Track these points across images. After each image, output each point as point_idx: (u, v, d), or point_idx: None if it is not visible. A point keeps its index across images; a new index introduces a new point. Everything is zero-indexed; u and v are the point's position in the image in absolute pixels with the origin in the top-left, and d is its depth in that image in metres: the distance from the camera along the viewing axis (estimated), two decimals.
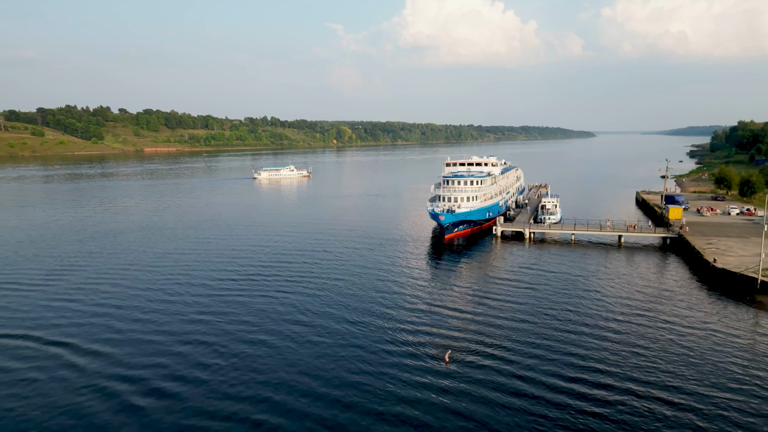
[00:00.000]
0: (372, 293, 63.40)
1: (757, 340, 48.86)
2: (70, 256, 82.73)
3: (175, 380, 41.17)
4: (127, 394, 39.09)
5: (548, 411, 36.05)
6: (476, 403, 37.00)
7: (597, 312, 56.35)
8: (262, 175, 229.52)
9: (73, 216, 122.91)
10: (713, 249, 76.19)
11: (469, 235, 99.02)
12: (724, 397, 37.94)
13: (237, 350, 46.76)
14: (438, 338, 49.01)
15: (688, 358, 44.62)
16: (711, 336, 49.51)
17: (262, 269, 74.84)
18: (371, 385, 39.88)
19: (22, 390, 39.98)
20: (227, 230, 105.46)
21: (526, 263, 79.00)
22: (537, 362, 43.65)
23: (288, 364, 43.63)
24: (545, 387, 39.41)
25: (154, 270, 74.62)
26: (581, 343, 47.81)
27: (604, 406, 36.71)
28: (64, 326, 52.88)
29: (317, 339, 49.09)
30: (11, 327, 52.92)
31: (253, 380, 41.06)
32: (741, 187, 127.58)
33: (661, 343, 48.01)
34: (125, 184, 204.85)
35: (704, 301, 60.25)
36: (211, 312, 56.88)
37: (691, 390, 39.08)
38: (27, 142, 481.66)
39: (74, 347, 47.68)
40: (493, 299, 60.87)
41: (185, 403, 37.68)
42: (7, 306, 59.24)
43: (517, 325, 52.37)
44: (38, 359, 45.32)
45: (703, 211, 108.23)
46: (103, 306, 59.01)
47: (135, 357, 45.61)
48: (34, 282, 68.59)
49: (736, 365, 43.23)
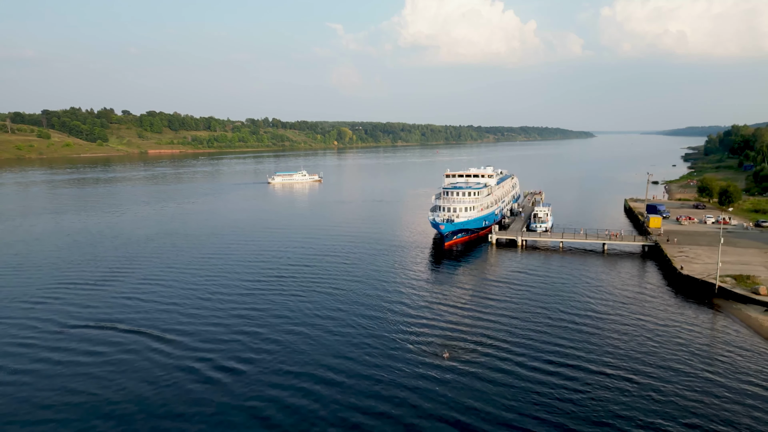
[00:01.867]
0: (380, 294, 72.64)
1: (711, 336, 58.09)
2: (116, 260, 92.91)
3: (234, 361, 51.80)
4: (199, 371, 49.43)
5: (538, 393, 44.97)
6: (473, 391, 45.81)
7: (579, 311, 65.58)
8: (276, 180, 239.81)
9: (103, 222, 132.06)
10: (683, 257, 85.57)
11: (467, 242, 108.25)
12: (680, 379, 47.28)
13: (277, 338, 57.30)
14: (439, 336, 58.18)
15: (652, 349, 53.96)
16: (672, 332, 58.75)
17: (284, 271, 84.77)
18: (381, 374, 48.86)
19: (115, 367, 50.23)
20: (249, 235, 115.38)
21: (518, 269, 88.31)
22: (527, 353, 52.79)
23: (317, 351, 53.08)
24: (534, 374, 48.46)
25: (194, 272, 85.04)
26: (565, 337, 57.16)
27: (584, 387, 45.85)
28: (136, 318, 63.70)
29: (340, 330, 58.61)
30: (91, 319, 63.60)
31: (293, 361, 51.08)
32: (720, 196, 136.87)
33: (631, 336, 57.36)
34: (143, 190, 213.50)
35: (670, 303, 69.55)
36: (250, 308, 67.30)
37: (652, 373, 48.43)
38: (34, 145, 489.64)
39: (149, 335, 58.39)
40: (488, 301, 70.07)
41: (246, 378, 47.86)
42: (80, 302, 69.84)
43: (510, 323, 61.58)
44: (122, 344, 55.87)
45: (682, 220, 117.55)
46: (161, 302, 69.65)
47: (199, 342, 56.25)
48: (96, 281, 79.69)
49: (693, 355, 52.42)
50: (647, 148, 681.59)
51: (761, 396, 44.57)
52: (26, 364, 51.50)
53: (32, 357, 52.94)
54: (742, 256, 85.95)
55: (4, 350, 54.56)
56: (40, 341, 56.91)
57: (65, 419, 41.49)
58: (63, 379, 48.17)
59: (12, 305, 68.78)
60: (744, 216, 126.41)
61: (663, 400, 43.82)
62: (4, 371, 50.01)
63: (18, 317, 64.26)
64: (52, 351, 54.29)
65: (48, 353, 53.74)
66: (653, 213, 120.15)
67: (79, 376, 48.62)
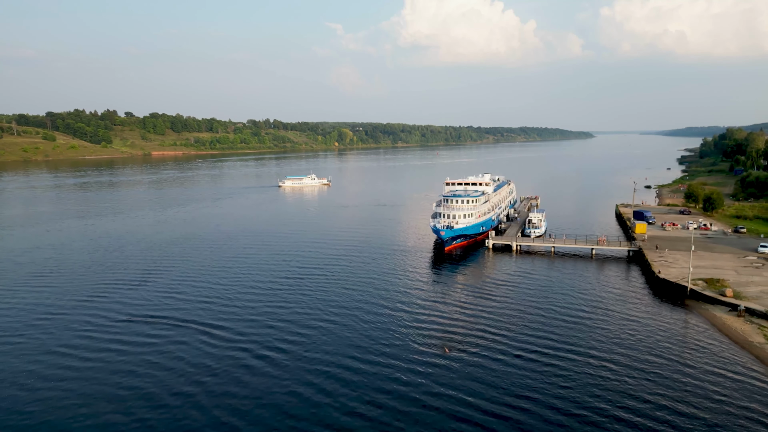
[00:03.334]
0: (387, 294, 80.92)
1: (680, 333, 66.16)
2: (146, 263, 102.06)
3: (269, 349, 61.10)
4: (242, 358, 58.30)
5: (530, 379, 53.04)
6: (472, 382, 53.78)
7: (566, 311, 73.74)
8: (286, 184, 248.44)
9: (123, 227, 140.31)
10: (662, 261, 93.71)
11: (466, 247, 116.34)
12: (651, 368, 55.54)
13: (301, 331, 66.49)
14: (440, 332, 66.25)
15: (630, 344, 62.16)
16: (647, 329, 66.88)
17: (301, 272, 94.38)
18: (391, 364, 57.00)
19: (169, 354, 59.18)
20: (265, 238, 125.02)
21: (513, 272, 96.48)
22: (520, 346, 60.89)
23: (337, 342, 61.35)
24: (526, 363, 56.59)
25: (219, 273, 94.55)
26: (554, 333, 65.39)
27: (571, 374, 53.96)
28: (178, 313, 73.18)
29: (353, 325, 66.92)
30: (138, 314, 72.87)
31: (318, 349, 59.76)
32: (704, 203, 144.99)
33: (612, 332, 65.56)
34: (155, 194, 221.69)
35: (646, 304, 77.73)
36: (274, 305, 76.61)
37: (629, 363, 56.65)
38: (40, 147, 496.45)
39: (192, 327, 67.96)
40: (485, 301, 78.24)
41: (281, 363, 56.59)
42: (125, 300, 79.15)
43: (504, 321, 69.65)
44: (170, 335, 65.28)
45: (666, 226, 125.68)
46: (196, 300, 79.29)
47: (237, 334, 65.47)
48: (134, 282, 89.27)
49: (664, 349, 60.59)
50: (645, 150, 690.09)
51: (716, 381, 52.71)
52: (93, 352, 60.30)
53: (95, 347, 61.62)
54: (717, 261, 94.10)
55: (71, 342, 63.22)
56: (100, 333, 65.94)
57: (134, 398, 49.67)
58: (126, 365, 56.90)
59: (66, 303, 77.51)
60: (726, 222, 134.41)
61: (636, 384, 52.06)
62: (75, 358, 58.70)
63: (74, 314, 73.06)
64: (112, 342, 63.09)
65: (108, 344, 62.51)
66: (640, 219, 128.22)
67: (140, 363, 57.38)
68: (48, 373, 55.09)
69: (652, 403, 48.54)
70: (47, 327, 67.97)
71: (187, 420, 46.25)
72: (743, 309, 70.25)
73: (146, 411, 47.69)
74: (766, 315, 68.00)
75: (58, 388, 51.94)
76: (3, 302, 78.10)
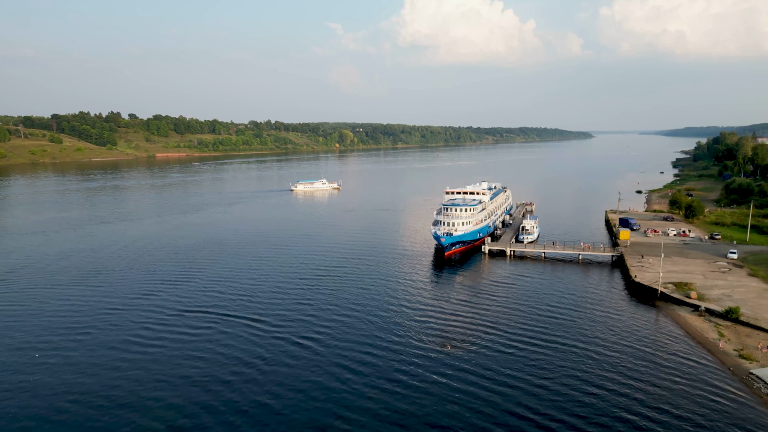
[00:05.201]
0: (394, 294, 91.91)
1: (650, 330, 76.83)
2: (180, 265, 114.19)
3: (304, 338, 73.34)
4: (283, 344, 71.00)
5: (522, 366, 63.84)
6: (471, 374, 64.21)
7: (553, 309, 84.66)
8: (298, 188, 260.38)
9: (151, 232, 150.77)
10: (639, 266, 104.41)
11: (464, 252, 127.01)
12: (622, 357, 66.29)
13: (326, 324, 78.89)
14: (441, 330, 76.88)
15: (606, 338, 73.17)
16: (621, 326, 77.65)
17: (319, 272, 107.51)
18: (397, 358, 67.74)
19: (218, 341, 71.05)
20: (284, 242, 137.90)
21: (506, 275, 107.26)
22: (512, 340, 71.65)
23: (356, 333, 72.91)
24: (518, 353, 67.36)
25: (248, 273, 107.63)
26: (543, 328, 76.45)
27: (557, 361, 64.78)
28: (220, 307, 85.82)
29: (368, 319, 78.83)
30: (187, 308, 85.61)
31: (343, 338, 72.07)
32: (685, 210, 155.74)
33: (591, 328, 76.49)
34: (171, 198, 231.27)
35: (623, 304, 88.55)
36: (301, 301, 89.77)
37: (605, 354, 67.57)
38: (47, 150, 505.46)
39: (236, 319, 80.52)
40: (482, 301, 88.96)
41: (316, 349, 68.31)
42: (172, 297, 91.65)
43: (499, 318, 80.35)
44: (217, 326, 77.62)
45: (648, 233, 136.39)
46: (234, 295, 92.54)
47: (274, 326, 77.95)
48: (175, 281, 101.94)
49: (635, 341, 71.45)
50: (642, 152, 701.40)
51: (672, 369, 63.49)
52: (153, 340, 72.51)
53: (155, 337, 73.59)
54: (689, 266, 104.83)
55: (135, 332, 75.66)
56: (157, 326, 77.91)
57: (198, 376, 60.54)
58: (185, 351, 68.67)
59: (122, 301, 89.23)
60: (705, 228, 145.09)
61: (611, 370, 63.25)
62: (140, 345, 70.67)
63: (132, 309, 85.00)
64: (168, 332, 75.25)
65: (166, 334, 74.63)
66: (625, 226, 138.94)
67: (196, 348, 69.42)
68: (119, 362, 66.00)
69: (622, 383, 59.85)
70: (112, 321, 79.91)
71: (243, 395, 57.51)
72: (704, 309, 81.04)
73: (209, 386, 59.21)
74: (722, 314, 78.71)
75: (135, 368, 63.43)
76: (67, 301, 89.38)
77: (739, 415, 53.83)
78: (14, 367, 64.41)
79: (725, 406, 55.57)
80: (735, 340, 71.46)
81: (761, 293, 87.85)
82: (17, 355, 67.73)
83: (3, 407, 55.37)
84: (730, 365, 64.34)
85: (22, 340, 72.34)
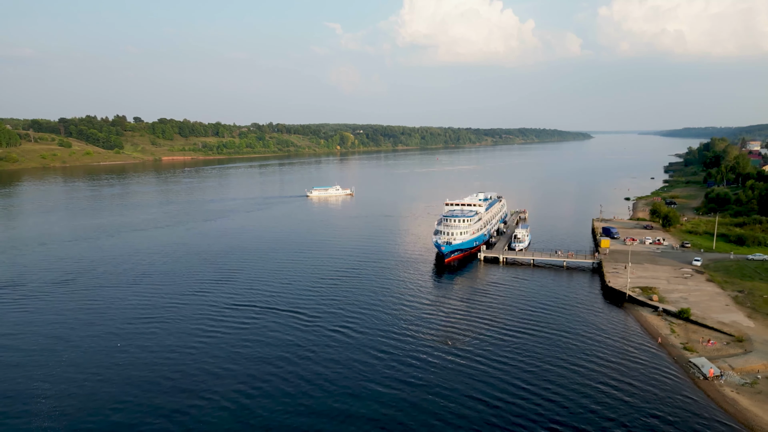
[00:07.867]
0: (401, 296, 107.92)
1: (616, 327, 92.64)
2: (215, 269, 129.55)
3: (338, 327, 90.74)
4: (320, 333, 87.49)
5: (514, 357, 79.44)
6: (470, 368, 79.58)
7: (539, 309, 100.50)
8: (313, 194, 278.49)
9: (182, 238, 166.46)
10: (614, 272, 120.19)
11: (462, 259, 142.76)
12: (591, 349, 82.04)
13: (352, 317, 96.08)
14: (443, 328, 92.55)
15: (580, 332, 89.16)
16: (592, 324, 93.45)
17: (339, 273, 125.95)
18: (400, 354, 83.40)
19: (264, 331, 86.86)
20: (305, 246, 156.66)
21: (499, 280, 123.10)
22: (505, 336, 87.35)
23: (377, 325, 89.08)
24: (511, 347, 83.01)
25: (276, 275, 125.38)
26: (529, 324, 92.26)
27: (540, 352, 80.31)
28: (261, 303, 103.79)
29: (382, 317, 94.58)
30: (232, 304, 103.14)
31: (369, 328, 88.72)
32: (663, 219, 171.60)
33: (569, 324, 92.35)
34: (192, 206, 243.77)
35: (596, 305, 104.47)
36: (330, 298, 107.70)
37: (578, 346, 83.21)
38: (57, 154, 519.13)
39: (275, 312, 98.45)
40: (478, 303, 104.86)
41: (349, 336, 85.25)
42: (217, 296, 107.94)
43: (493, 318, 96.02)
44: (260, 319, 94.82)
45: (627, 241, 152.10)
46: (275, 292, 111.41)
47: (310, 318, 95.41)
48: (217, 281, 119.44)
49: (602, 336, 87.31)
50: (639, 154, 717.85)
51: (629, 355, 79.38)
52: (216, 329, 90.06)
53: (217, 325, 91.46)
54: (656, 272, 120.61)
55: (200, 321, 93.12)
56: (217, 315, 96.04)
57: (252, 360, 76.33)
58: (239, 339, 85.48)
59: (177, 299, 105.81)
60: (680, 237, 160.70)
61: (583, 356, 79.27)
62: (194, 337, 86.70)
63: (189, 304, 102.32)
64: (222, 325, 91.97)
65: (220, 326, 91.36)
66: (607, 234, 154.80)
67: (249, 336, 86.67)
68: (191, 347, 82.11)
69: (590, 369, 75.79)
70: (178, 314, 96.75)
71: (302, 368, 75.12)
72: (662, 310, 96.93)
73: (274, 362, 76.72)
74: (676, 314, 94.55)
75: (207, 350, 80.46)
76: (132, 299, 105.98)
77: (675, 393, 69.70)
78: (104, 352, 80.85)
79: (665, 384, 71.61)
80: (683, 335, 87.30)
81: (713, 296, 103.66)
82: (102, 344, 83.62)
83: (100, 386, 70.93)
84: (674, 355, 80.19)
85: (103, 332, 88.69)
